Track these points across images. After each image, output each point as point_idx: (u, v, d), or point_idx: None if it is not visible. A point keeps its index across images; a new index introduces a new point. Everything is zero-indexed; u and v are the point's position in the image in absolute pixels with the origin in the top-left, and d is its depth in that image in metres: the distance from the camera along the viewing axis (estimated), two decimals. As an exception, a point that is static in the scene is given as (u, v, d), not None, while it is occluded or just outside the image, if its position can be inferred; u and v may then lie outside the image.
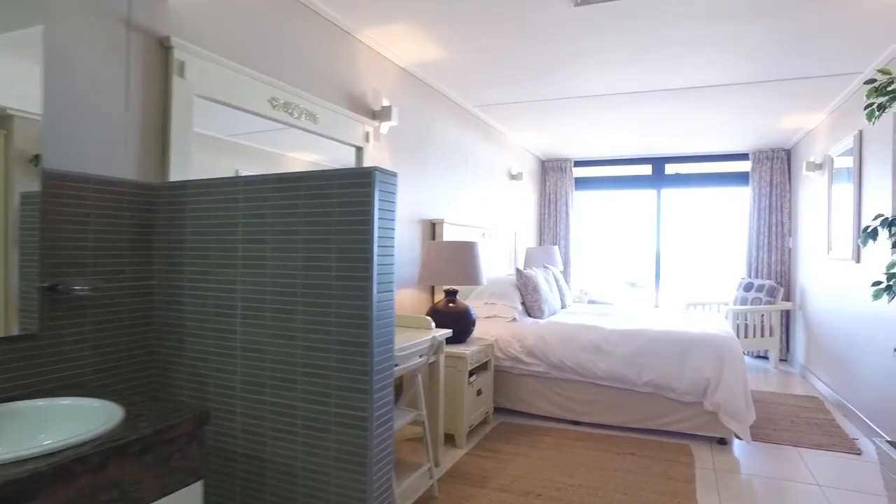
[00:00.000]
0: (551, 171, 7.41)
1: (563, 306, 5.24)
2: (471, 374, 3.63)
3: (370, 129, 3.44)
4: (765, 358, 6.37)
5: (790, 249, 6.47)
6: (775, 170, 6.51)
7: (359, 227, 1.51)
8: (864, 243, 2.33)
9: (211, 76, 2.30)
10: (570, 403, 3.95)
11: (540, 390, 4.03)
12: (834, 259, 4.69)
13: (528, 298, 4.46)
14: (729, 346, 3.60)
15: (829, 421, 4.16)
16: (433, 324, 3.24)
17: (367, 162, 3.43)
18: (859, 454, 3.54)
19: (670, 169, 7.09)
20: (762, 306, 5.99)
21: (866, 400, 3.93)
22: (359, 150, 3.37)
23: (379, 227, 1.52)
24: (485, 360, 3.86)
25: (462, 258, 3.65)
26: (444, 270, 3.63)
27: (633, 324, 4.17)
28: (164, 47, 2.10)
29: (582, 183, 7.45)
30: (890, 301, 2.39)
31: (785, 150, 6.51)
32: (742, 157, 6.73)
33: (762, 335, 6.00)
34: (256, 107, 2.55)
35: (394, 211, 1.60)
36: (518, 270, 4.54)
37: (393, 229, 1.59)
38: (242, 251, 1.73)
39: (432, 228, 4.31)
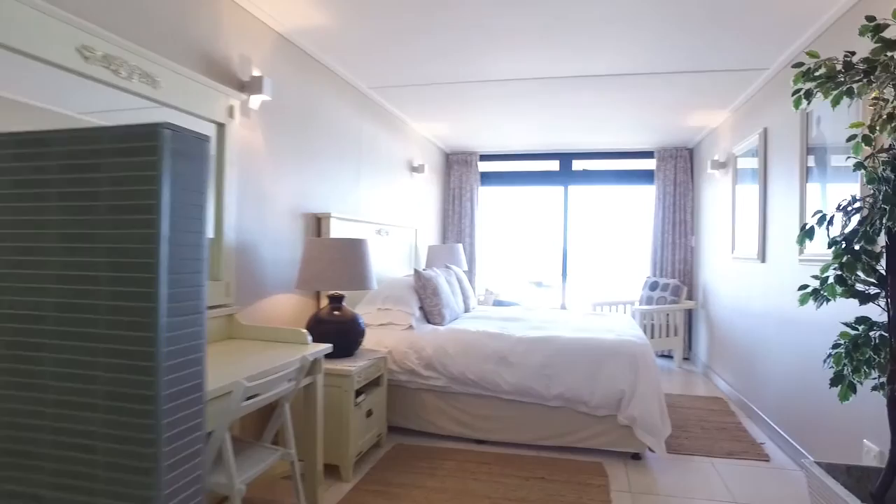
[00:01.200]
0: (456, 165, 7.01)
1: (467, 310, 4.84)
2: (359, 393, 3.12)
3: (235, 103, 2.83)
4: (669, 357, 6.31)
5: (693, 248, 6.46)
6: (679, 168, 6.47)
7: (138, 217, 0.97)
8: (801, 242, 2.06)
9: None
10: (474, 420, 3.53)
11: (440, 406, 3.59)
12: (738, 258, 4.60)
13: (428, 303, 4.01)
14: (643, 354, 3.32)
15: (736, 424, 4.03)
16: (310, 338, 2.69)
17: (232, 142, 2.82)
18: (768, 461, 3.38)
19: (577, 165, 6.91)
20: (667, 306, 5.90)
21: (769, 401, 3.81)
22: (220, 126, 2.76)
23: (173, 218, 0.98)
24: (376, 376, 3.36)
25: (349, 258, 3.12)
26: (326, 273, 3.08)
27: (542, 330, 3.82)
28: None
29: (488, 178, 7.12)
30: (818, 307, 2.13)
31: (688, 148, 6.50)
32: (647, 154, 6.66)
33: (667, 335, 5.92)
34: (57, 55, 1.89)
35: (203, 193, 1.06)
36: (416, 271, 4.07)
37: (201, 220, 1.05)
38: (-30, 253, 1.13)
39: (317, 224, 3.75)
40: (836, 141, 2.90)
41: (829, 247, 1.97)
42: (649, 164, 6.67)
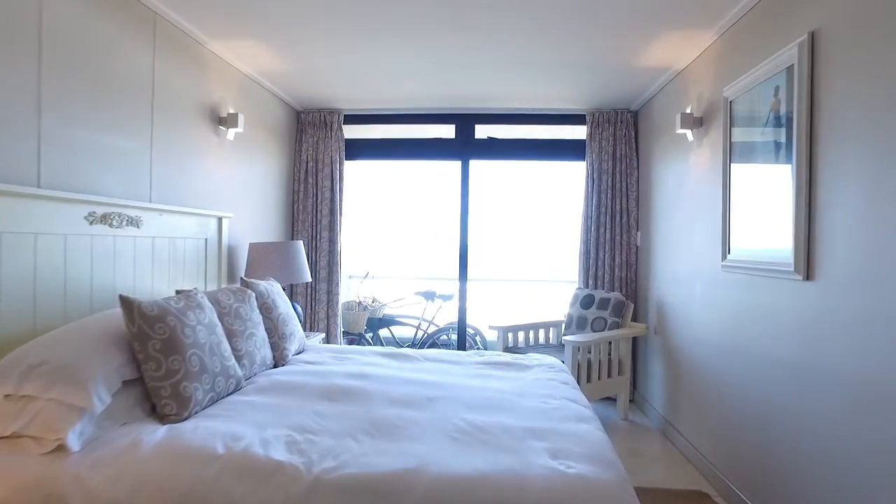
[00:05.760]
0: (311, 129, 4.84)
1: (282, 361, 2.69)
2: None
3: None
4: (611, 400, 4.51)
5: (637, 248, 4.68)
6: (619, 137, 4.66)
7: None
8: None
9: None
10: None
11: None
12: (737, 268, 2.77)
13: (151, 370, 1.83)
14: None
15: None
16: None
17: None
18: None
19: (481, 131, 4.94)
20: (610, 332, 4.05)
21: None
22: None
23: None
24: None
25: None
26: None
27: (388, 433, 1.74)
28: None
29: (357, 148, 4.99)
30: None
31: (631, 111, 4.69)
32: (577, 118, 4.80)
33: (609, 374, 4.07)
34: None
35: None
36: (126, 303, 1.87)
37: None
38: None
39: None
40: None
41: None
42: (579, 131, 4.82)
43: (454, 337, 5.27)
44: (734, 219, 2.84)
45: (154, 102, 2.87)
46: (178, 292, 2.26)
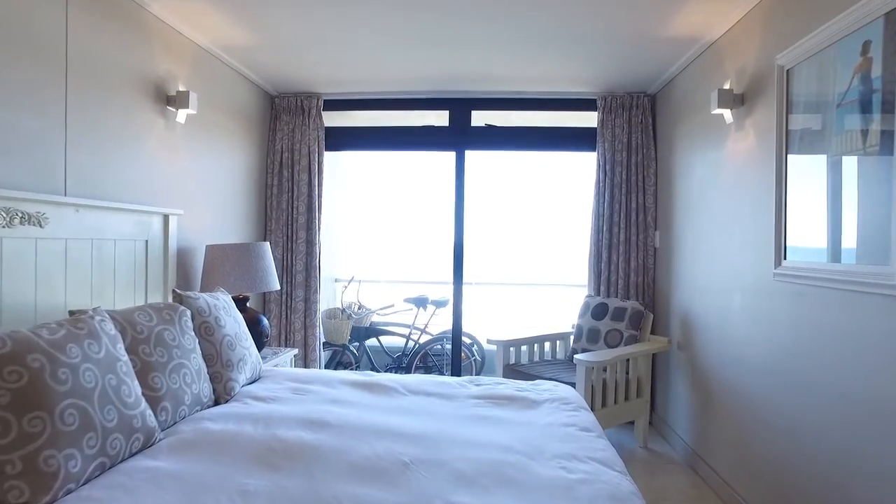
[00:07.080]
0: (286, 115, 4.27)
1: (225, 396, 2.13)
2: None
3: None
4: (629, 424, 3.94)
5: (656, 250, 4.12)
6: (634, 125, 4.10)
7: None
8: None
9: None
10: None
11: None
12: (800, 278, 2.21)
13: (-7, 440, 1.28)
14: None
15: None
16: None
17: None
18: None
19: (478, 118, 4.37)
20: (627, 348, 3.50)
21: None
22: None
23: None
24: None
25: None
26: None
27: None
28: None
29: (338, 137, 4.42)
30: None
31: (648, 94, 4.14)
32: (587, 104, 4.24)
33: (627, 397, 3.52)
34: None
35: None
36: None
37: None
38: None
39: None
40: None
41: None
42: (589, 118, 4.26)
43: (449, 347, 4.72)
44: (791, 217, 2.28)
45: (69, 71, 2.30)
46: (71, 313, 1.69)
